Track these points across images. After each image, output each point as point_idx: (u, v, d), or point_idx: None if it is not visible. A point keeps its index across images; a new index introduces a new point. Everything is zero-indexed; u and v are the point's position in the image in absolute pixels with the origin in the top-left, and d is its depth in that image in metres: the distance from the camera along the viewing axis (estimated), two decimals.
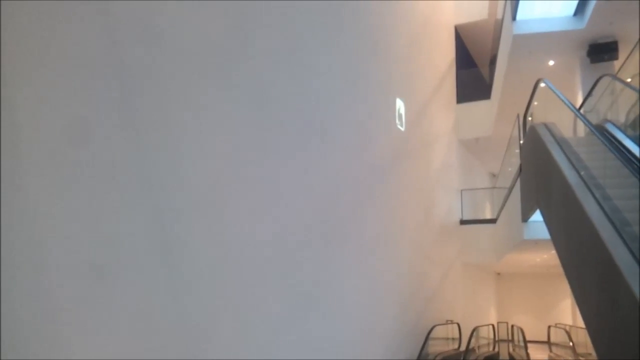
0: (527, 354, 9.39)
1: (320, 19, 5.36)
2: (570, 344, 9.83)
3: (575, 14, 8.14)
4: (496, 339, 11.67)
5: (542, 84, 6.47)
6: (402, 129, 7.96)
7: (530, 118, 6.88)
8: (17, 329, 2.11)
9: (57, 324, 2.30)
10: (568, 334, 10.39)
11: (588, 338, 3.72)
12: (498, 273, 17.39)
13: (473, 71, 13.16)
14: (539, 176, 5.45)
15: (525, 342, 10.01)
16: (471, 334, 8.83)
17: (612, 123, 5.54)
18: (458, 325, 9.59)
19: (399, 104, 7.91)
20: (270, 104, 4.21)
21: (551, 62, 9.25)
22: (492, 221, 10.77)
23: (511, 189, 8.04)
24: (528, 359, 9.19)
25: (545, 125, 5.57)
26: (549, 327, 12.01)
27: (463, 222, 11.57)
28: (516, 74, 9.34)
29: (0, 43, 2.12)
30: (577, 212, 3.59)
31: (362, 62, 6.53)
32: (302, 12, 4.90)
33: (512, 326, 11.85)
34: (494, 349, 11.14)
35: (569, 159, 4.40)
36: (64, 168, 2.40)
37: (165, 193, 3.00)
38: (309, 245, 4.73)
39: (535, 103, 6.76)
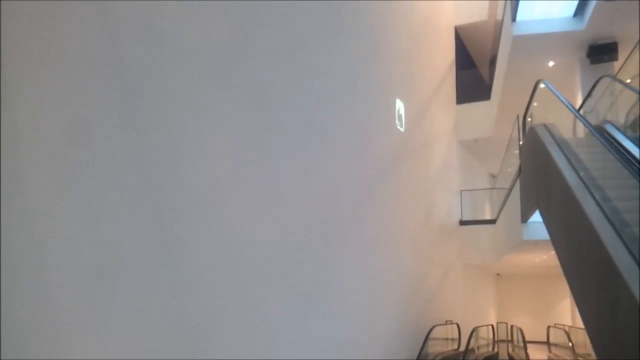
0: (527, 355, 9.39)
1: (320, 19, 5.36)
2: (570, 344, 9.84)
3: (575, 14, 8.15)
4: (496, 339, 11.68)
5: (541, 85, 6.47)
6: (401, 129, 7.96)
7: (529, 119, 6.88)
8: (17, 329, 2.11)
9: (57, 324, 2.30)
10: (567, 334, 10.40)
11: (587, 338, 3.72)
12: (498, 274, 17.40)
13: (473, 72, 13.17)
14: (539, 177, 5.46)
15: (524, 342, 10.01)
16: (471, 335, 8.83)
17: (612, 124, 5.55)
18: (457, 325, 9.59)
19: (399, 105, 7.91)
20: (270, 104, 4.21)
21: (551, 63, 9.26)
22: (492, 222, 10.78)
23: (511, 189, 8.05)
24: (527, 359, 9.19)
25: (545, 126, 5.57)
26: (548, 327, 12.02)
27: (463, 222, 11.58)
28: (516, 75, 9.34)
29: (0, 43, 2.12)
30: (577, 213, 3.59)
31: (362, 62, 6.53)
32: (302, 12, 4.90)
33: (511, 326, 11.86)
34: (493, 349, 11.14)
35: (568, 160, 4.40)
36: (64, 168, 2.40)
37: (165, 193, 3.00)
38: (309, 245, 4.73)
39: (535, 104, 6.76)
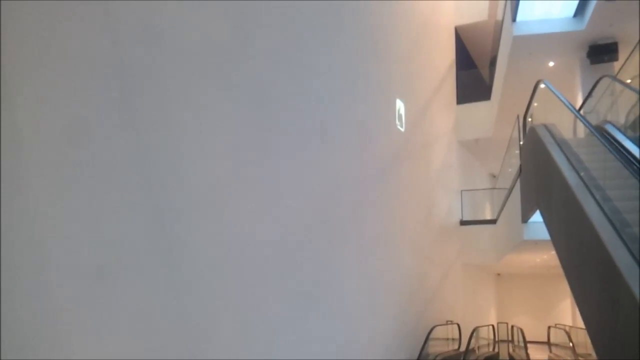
0: (527, 355, 9.39)
1: (320, 19, 5.36)
2: (570, 344, 9.83)
3: (575, 15, 8.14)
4: (496, 339, 11.67)
5: (542, 85, 6.47)
6: (402, 129, 7.96)
7: (530, 119, 6.88)
8: (17, 329, 2.11)
9: (57, 324, 2.30)
10: (568, 334, 10.39)
11: (588, 338, 3.72)
12: (498, 274, 17.39)
13: (473, 72, 13.17)
14: (539, 177, 5.45)
15: (525, 342, 10.01)
16: (471, 335, 8.82)
17: (612, 124, 5.54)
18: (458, 325, 9.59)
19: (399, 105, 7.91)
20: (270, 104, 4.21)
21: (551, 63, 9.25)
22: (492, 222, 10.77)
23: (511, 189, 8.04)
24: (528, 359, 9.19)
25: (545, 126, 5.57)
26: (548, 327, 12.01)
27: (463, 222, 11.57)
28: (516, 75, 9.34)
29: (0, 43, 2.12)
30: (577, 213, 3.59)
31: (362, 62, 6.53)
32: (302, 12, 4.90)
33: (512, 327, 11.85)
34: (494, 349, 11.14)
35: (568, 160, 4.40)
36: (64, 168, 2.40)
37: (165, 193, 3.00)
38: (309, 245, 4.73)
39: (535, 104, 6.76)
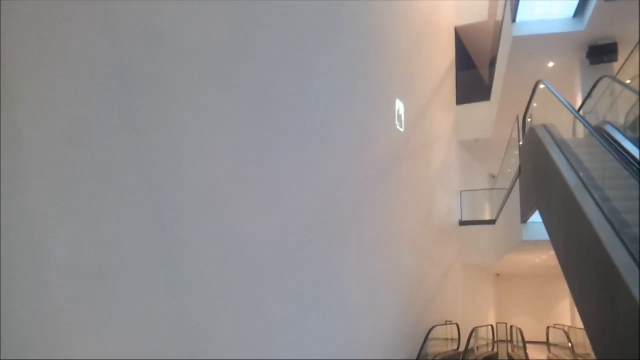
0: (526, 355, 9.40)
1: (320, 19, 5.36)
2: (569, 344, 9.83)
3: (575, 15, 8.15)
4: (495, 339, 11.68)
5: (541, 86, 6.47)
6: (401, 130, 7.96)
7: (529, 119, 6.88)
8: (17, 329, 2.11)
9: (57, 324, 2.30)
10: (567, 334, 10.40)
11: (587, 339, 3.72)
12: (497, 274, 17.40)
13: (473, 72, 13.18)
14: (539, 177, 5.46)
15: (524, 342, 10.02)
16: (470, 335, 8.83)
17: (612, 125, 5.54)
18: (457, 325, 9.59)
19: (399, 105, 7.91)
20: (270, 104, 4.21)
21: (551, 64, 9.26)
22: (492, 222, 10.78)
23: (511, 190, 8.04)
24: (527, 359, 9.19)
25: (545, 126, 5.57)
26: (548, 327, 12.02)
27: (463, 223, 11.58)
28: (516, 76, 9.35)
29: (0, 43, 2.12)
30: (577, 214, 3.59)
31: (362, 62, 6.54)
32: (302, 12, 4.90)
33: (511, 327, 11.86)
34: (493, 349, 11.15)
35: (568, 160, 4.40)
36: (64, 168, 2.40)
37: (165, 193, 3.00)
38: (309, 245, 4.73)
39: (535, 105, 6.76)
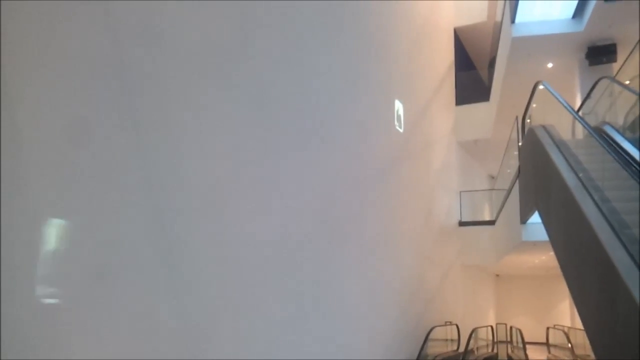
0: (526, 355, 9.40)
1: (320, 19, 5.37)
2: (569, 345, 9.84)
3: (574, 16, 8.16)
4: (495, 340, 11.68)
5: (540, 86, 6.47)
6: (400, 130, 7.96)
7: (529, 120, 6.88)
8: (17, 329, 2.11)
9: (57, 324, 2.29)
10: (567, 335, 10.40)
11: (586, 339, 3.73)
12: (497, 275, 17.40)
13: (472, 73, 13.19)
14: (538, 178, 5.46)
15: (524, 343, 10.02)
16: (470, 335, 8.83)
17: (611, 125, 5.55)
18: (457, 326, 9.59)
19: (398, 106, 7.92)
20: (270, 104, 4.22)
21: (550, 65, 9.27)
22: (491, 223, 10.78)
23: (510, 190, 8.05)
24: None
25: (544, 127, 5.57)
26: (547, 328, 12.03)
27: (462, 223, 11.58)
28: (515, 76, 9.36)
29: (0, 43, 2.12)
30: (576, 214, 3.59)
31: (362, 62, 6.54)
32: (302, 12, 4.90)
33: (510, 327, 11.86)
34: (492, 350, 11.15)
35: (567, 161, 4.40)
36: (64, 168, 2.40)
37: (165, 193, 3.00)
38: (309, 245, 4.73)
39: (534, 105, 6.77)
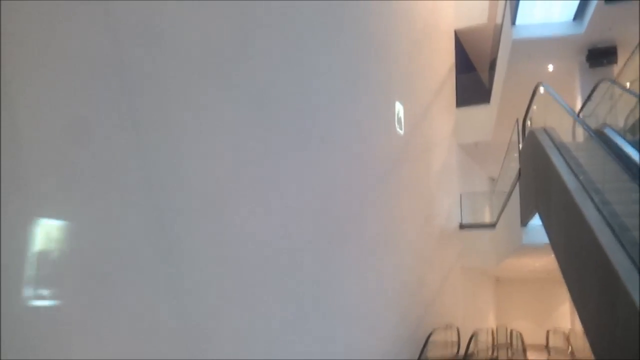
0: (526, 358, 9.38)
1: (320, 19, 5.37)
2: (569, 348, 9.83)
3: (575, 18, 8.17)
4: (495, 343, 11.67)
5: (541, 89, 6.48)
6: (401, 132, 7.96)
7: (529, 122, 6.88)
8: (17, 329, 2.11)
9: (57, 324, 2.29)
10: (567, 338, 10.39)
11: (586, 342, 3.72)
12: (497, 278, 17.37)
13: (472, 75, 13.18)
14: (538, 181, 5.46)
15: (524, 346, 10.01)
16: (470, 339, 8.81)
17: (611, 128, 5.55)
18: (457, 329, 9.57)
19: (398, 108, 7.91)
20: (270, 104, 4.22)
21: (550, 67, 9.27)
22: (492, 226, 10.76)
23: (510, 193, 8.04)
24: None
25: (545, 129, 5.57)
26: (547, 331, 12.02)
27: (462, 226, 11.54)
28: (515, 79, 9.36)
29: (0, 43, 2.12)
30: (576, 217, 3.59)
31: (362, 63, 6.54)
32: (302, 12, 4.91)
33: (511, 331, 11.85)
34: (493, 353, 11.13)
35: (568, 163, 4.40)
36: (64, 168, 2.40)
37: (165, 193, 2.99)
38: (309, 245, 4.73)
39: (535, 108, 6.77)
